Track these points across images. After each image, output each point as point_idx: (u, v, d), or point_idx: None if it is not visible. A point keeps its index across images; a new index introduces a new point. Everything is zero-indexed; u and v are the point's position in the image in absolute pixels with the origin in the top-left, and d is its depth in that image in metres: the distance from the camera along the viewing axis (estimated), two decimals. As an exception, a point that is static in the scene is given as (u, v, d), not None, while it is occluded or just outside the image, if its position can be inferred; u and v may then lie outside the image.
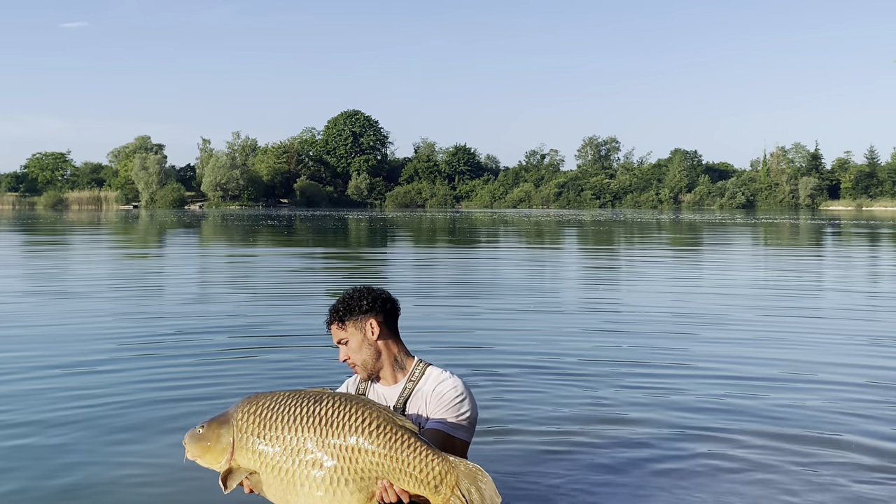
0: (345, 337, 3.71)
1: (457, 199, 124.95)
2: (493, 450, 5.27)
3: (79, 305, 11.94)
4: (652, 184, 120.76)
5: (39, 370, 7.44)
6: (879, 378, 7.27)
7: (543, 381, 7.14)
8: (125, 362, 7.85)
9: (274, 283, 15.97)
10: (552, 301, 13.01)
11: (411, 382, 3.69)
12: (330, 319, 3.76)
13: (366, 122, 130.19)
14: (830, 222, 53.67)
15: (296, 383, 7.09)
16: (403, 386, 3.70)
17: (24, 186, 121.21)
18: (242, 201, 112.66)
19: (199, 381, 7.03)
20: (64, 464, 4.97)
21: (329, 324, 3.77)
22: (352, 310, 3.71)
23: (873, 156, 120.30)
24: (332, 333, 3.77)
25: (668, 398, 6.55)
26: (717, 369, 7.62)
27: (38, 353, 8.24)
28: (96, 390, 6.69)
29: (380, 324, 3.71)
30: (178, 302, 12.63)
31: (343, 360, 3.73)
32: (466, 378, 7.10)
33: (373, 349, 3.70)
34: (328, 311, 3.78)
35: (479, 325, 10.29)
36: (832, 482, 4.70)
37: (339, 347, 3.74)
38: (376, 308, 3.72)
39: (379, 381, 3.78)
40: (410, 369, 3.74)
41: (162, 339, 9.12)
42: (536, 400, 6.53)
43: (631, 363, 7.90)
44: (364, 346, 3.69)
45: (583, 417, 6.03)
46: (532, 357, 8.15)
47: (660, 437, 5.56)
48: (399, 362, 3.75)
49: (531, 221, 56.75)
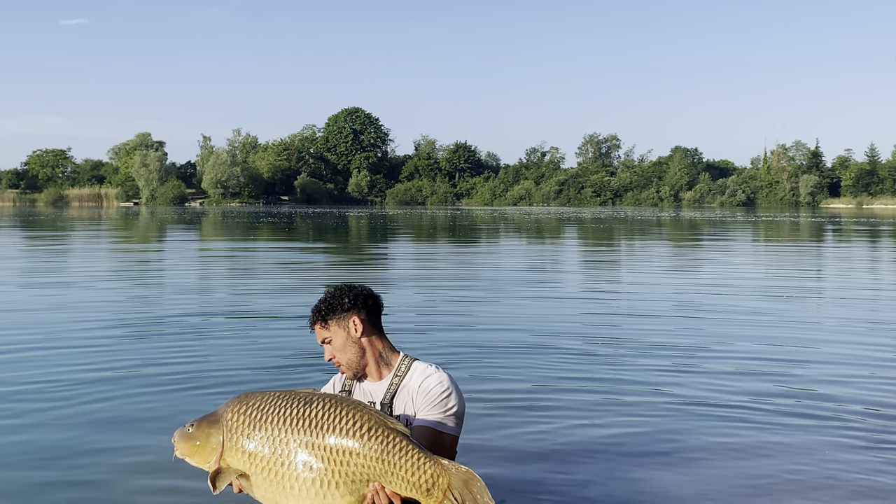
0: (328, 336, 3.69)
1: (457, 197, 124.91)
2: (482, 439, 5.27)
3: (77, 296, 11.95)
4: (652, 181, 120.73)
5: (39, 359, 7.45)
6: (878, 360, 7.29)
7: (539, 363, 7.15)
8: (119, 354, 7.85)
9: (273, 275, 15.98)
10: (551, 293, 13.02)
11: (397, 378, 3.66)
12: (313, 319, 3.73)
13: (366, 120, 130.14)
14: (831, 220, 53.66)
15: (294, 370, 7.10)
16: (390, 381, 3.67)
17: (24, 183, 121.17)
18: (243, 198, 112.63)
19: (188, 369, 7.03)
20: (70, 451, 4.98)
21: (312, 324, 3.74)
22: (334, 308, 3.68)
23: (874, 154, 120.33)
24: (315, 333, 3.75)
25: (667, 386, 6.56)
26: (722, 355, 7.63)
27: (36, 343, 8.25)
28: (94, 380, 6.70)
29: (363, 321, 3.68)
30: (175, 296, 12.64)
31: (328, 359, 3.71)
32: (460, 364, 7.10)
33: (357, 347, 3.67)
34: (311, 312, 3.74)
35: (476, 312, 10.30)
36: (839, 466, 4.70)
37: (324, 347, 3.71)
38: (358, 305, 3.69)
39: (365, 379, 3.74)
40: (396, 365, 3.70)
41: (154, 327, 9.12)
42: (529, 382, 6.54)
43: (631, 348, 7.90)
44: (348, 344, 3.66)
45: (576, 404, 6.04)
46: (524, 341, 8.14)
47: (655, 424, 5.56)
48: (384, 358, 3.71)
49: (531, 219, 56.75)
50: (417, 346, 7.96)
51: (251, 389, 3.81)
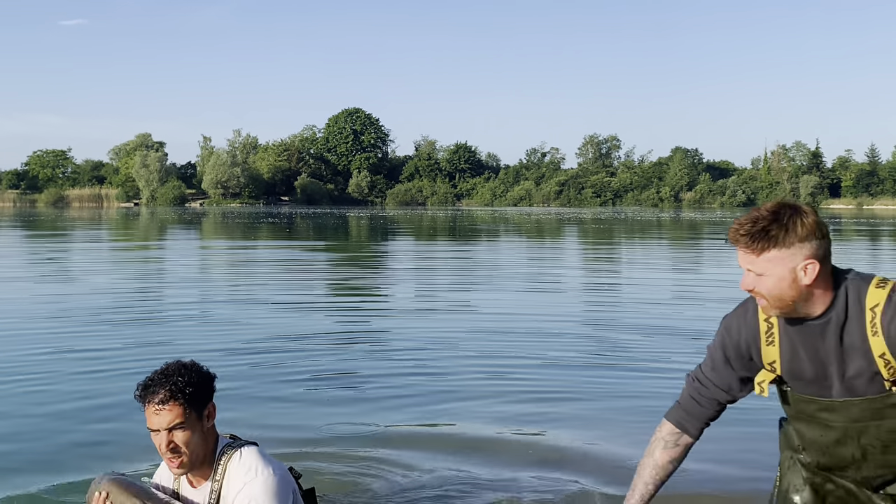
0: (183, 423, 2.82)
1: (457, 198, 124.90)
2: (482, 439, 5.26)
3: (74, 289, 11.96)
4: (653, 182, 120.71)
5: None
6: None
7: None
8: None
9: (273, 275, 15.99)
10: (550, 289, 13.02)
11: (216, 483, 2.92)
12: (171, 397, 2.80)
13: (367, 120, 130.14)
14: (831, 220, 53.64)
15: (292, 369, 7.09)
16: (210, 488, 2.94)
17: (24, 184, 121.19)
18: (243, 199, 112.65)
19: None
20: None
21: (165, 402, 2.80)
22: (204, 390, 2.91)
23: (874, 154, 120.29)
24: (156, 414, 2.80)
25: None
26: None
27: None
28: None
29: (215, 408, 2.99)
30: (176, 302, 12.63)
31: (169, 447, 2.82)
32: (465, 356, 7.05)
33: (210, 440, 2.94)
34: (159, 384, 2.82)
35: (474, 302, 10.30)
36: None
37: (162, 435, 2.81)
38: (214, 390, 2.98)
39: (189, 481, 3.01)
40: (214, 464, 2.94)
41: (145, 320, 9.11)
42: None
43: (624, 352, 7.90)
44: (204, 436, 2.90)
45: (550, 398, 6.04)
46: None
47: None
48: (213, 454, 2.96)
49: (532, 219, 56.75)
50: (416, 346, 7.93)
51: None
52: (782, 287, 2.65)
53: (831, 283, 2.70)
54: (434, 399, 6.06)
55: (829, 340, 2.70)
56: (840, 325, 2.68)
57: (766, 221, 2.63)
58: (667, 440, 3.03)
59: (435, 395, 6.15)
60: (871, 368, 2.68)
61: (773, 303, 2.69)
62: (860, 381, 2.71)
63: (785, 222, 2.62)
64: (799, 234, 2.62)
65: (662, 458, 3.02)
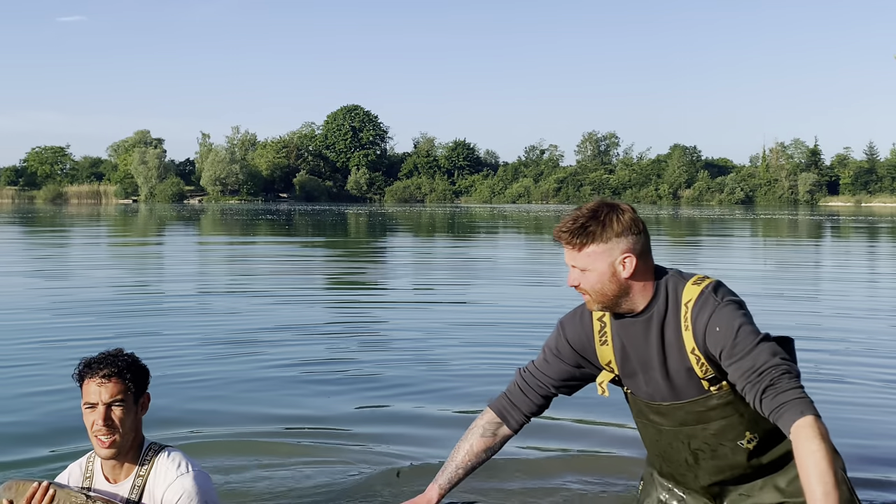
0: (123, 400, 2.79)
1: (456, 195, 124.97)
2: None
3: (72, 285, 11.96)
4: (651, 179, 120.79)
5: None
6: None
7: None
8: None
9: (272, 273, 16.00)
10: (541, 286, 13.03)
11: (140, 479, 2.85)
12: (116, 373, 2.78)
13: (365, 117, 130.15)
14: (829, 218, 53.62)
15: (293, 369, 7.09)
16: (132, 483, 2.86)
17: (23, 180, 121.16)
18: (242, 196, 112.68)
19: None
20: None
21: (109, 377, 2.77)
22: (143, 379, 2.90)
23: (872, 152, 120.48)
24: (98, 386, 2.76)
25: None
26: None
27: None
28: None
29: (149, 401, 2.95)
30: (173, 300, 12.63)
31: (106, 422, 2.75)
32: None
33: (139, 433, 2.90)
34: (104, 362, 2.80)
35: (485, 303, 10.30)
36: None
37: (111, 409, 2.77)
38: (148, 384, 2.95)
39: (105, 477, 2.91)
40: (141, 458, 2.88)
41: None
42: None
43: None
44: (136, 424, 2.86)
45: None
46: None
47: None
48: (139, 449, 2.91)
49: (530, 217, 56.77)
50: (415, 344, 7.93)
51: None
52: (603, 281, 2.73)
53: (652, 278, 2.78)
54: (432, 387, 6.09)
55: (653, 336, 2.76)
56: (661, 320, 2.75)
57: (585, 219, 2.75)
58: (485, 428, 3.10)
59: (433, 383, 6.18)
60: (684, 364, 2.73)
61: (596, 297, 2.76)
62: (680, 379, 2.76)
63: (602, 219, 2.73)
64: (615, 230, 2.71)
65: (478, 445, 3.09)
